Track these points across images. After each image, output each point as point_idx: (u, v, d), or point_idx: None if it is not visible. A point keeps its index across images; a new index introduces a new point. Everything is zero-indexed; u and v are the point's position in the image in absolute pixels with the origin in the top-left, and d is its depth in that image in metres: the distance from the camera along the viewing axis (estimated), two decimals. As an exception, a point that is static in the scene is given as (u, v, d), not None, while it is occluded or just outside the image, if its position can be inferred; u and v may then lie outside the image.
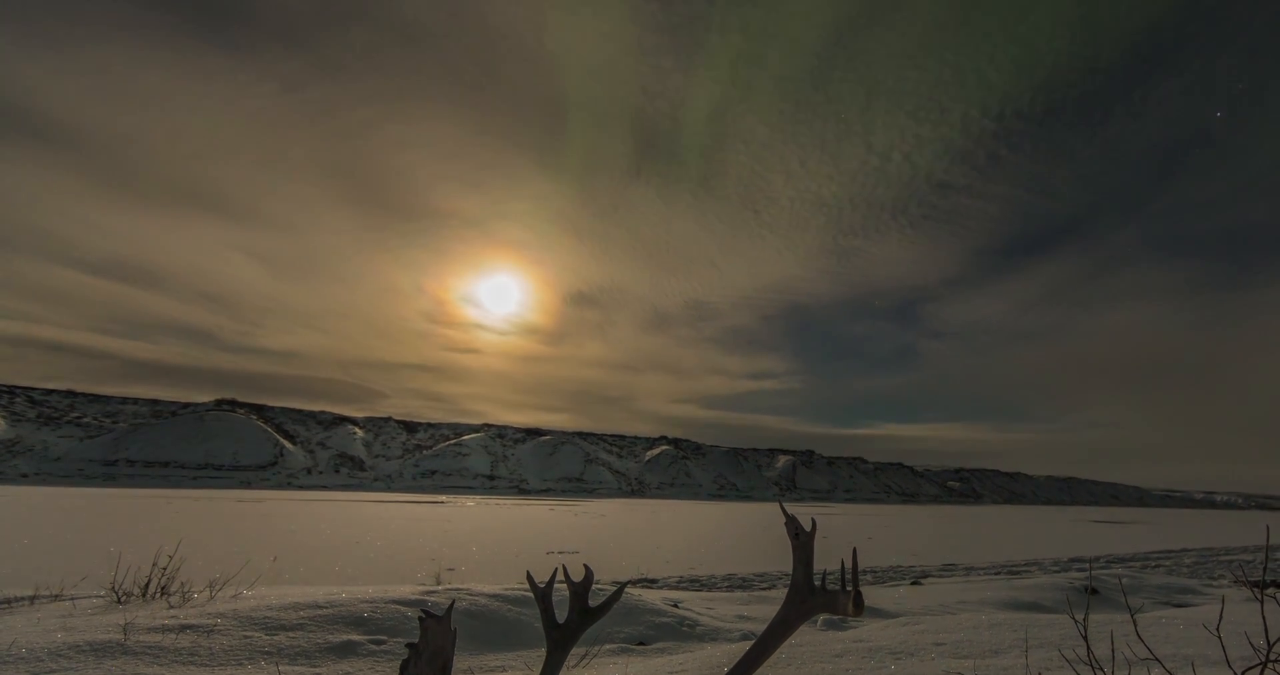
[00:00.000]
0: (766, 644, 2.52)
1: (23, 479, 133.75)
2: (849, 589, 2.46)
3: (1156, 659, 3.83)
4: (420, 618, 2.50)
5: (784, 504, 2.99)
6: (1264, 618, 3.13)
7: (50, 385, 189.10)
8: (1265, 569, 3.25)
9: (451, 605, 2.72)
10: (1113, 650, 4.17)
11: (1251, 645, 3.29)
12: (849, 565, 2.56)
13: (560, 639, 2.75)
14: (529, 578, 2.96)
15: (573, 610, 2.82)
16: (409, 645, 2.47)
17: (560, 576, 2.92)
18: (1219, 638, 3.24)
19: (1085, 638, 3.73)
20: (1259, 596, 3.26)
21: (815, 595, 2.55)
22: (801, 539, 2.66)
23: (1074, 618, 4.17)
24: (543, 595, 2.82)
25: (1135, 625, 3.85)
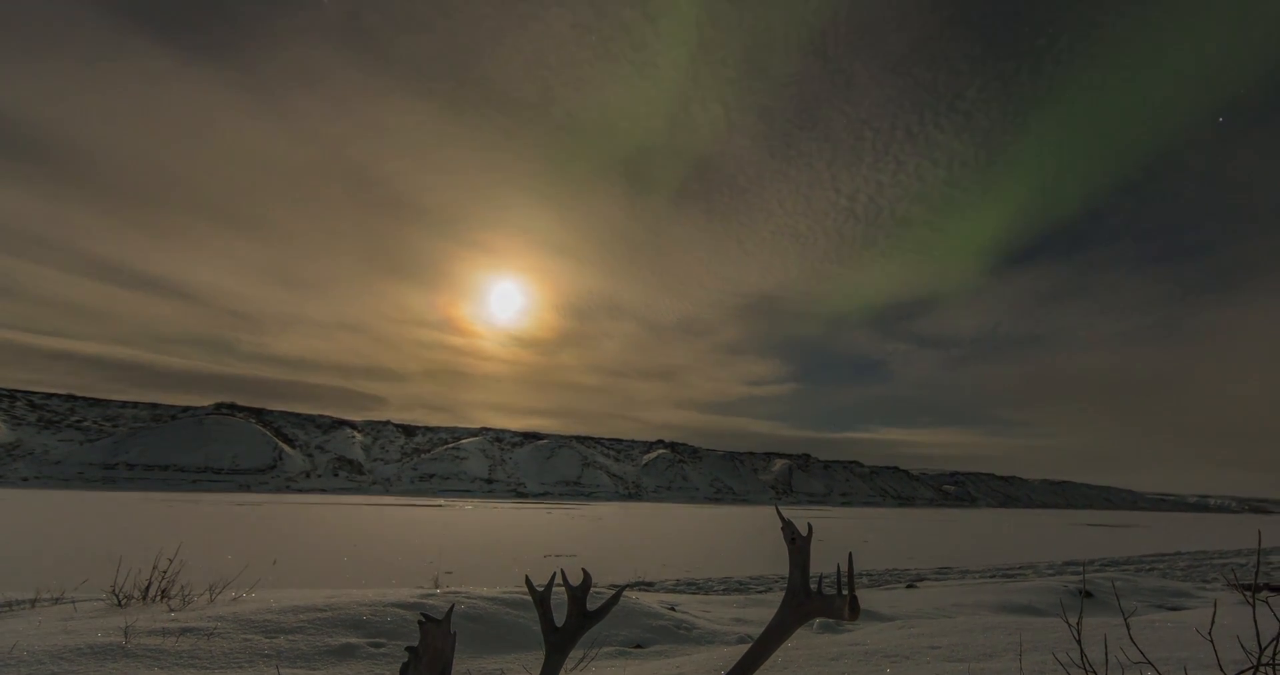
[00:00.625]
0: (763, 647, 2.55)
1: (23, 482, 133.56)
2: (845, 593, 2.50)
3: (1149, 662, 3.87)
4: (420, 621, 2.52)
5: (780, 508, 3.03)
6: (1255, 621, 3.18)
7: (50, 389, 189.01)
8: (1257, 573, 3.30)
9: (451, 609, 2.74)
10: (1106, 654, 4.21)
11: (1243, 648, 3.33)
12: (845, 569, 2.60)
13: (559, 642, 2.78)
14: (528, 582, 3.00)
15: (571, 614, 2.85)
16: (408, 649, 2.49)
17: (558, 580, 2.96)
18: (1211, 641, 3.29)
19: (1079, 641, 3.77)
20: (1250, 600, 3.30)
21: (812, 599, 2.59)
22: (798, 543, 2.69)
23: (1067, 621, 4.21)
24: (541, 599, 2.85)
25: (1128, 629, 3.89)
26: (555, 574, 2.95)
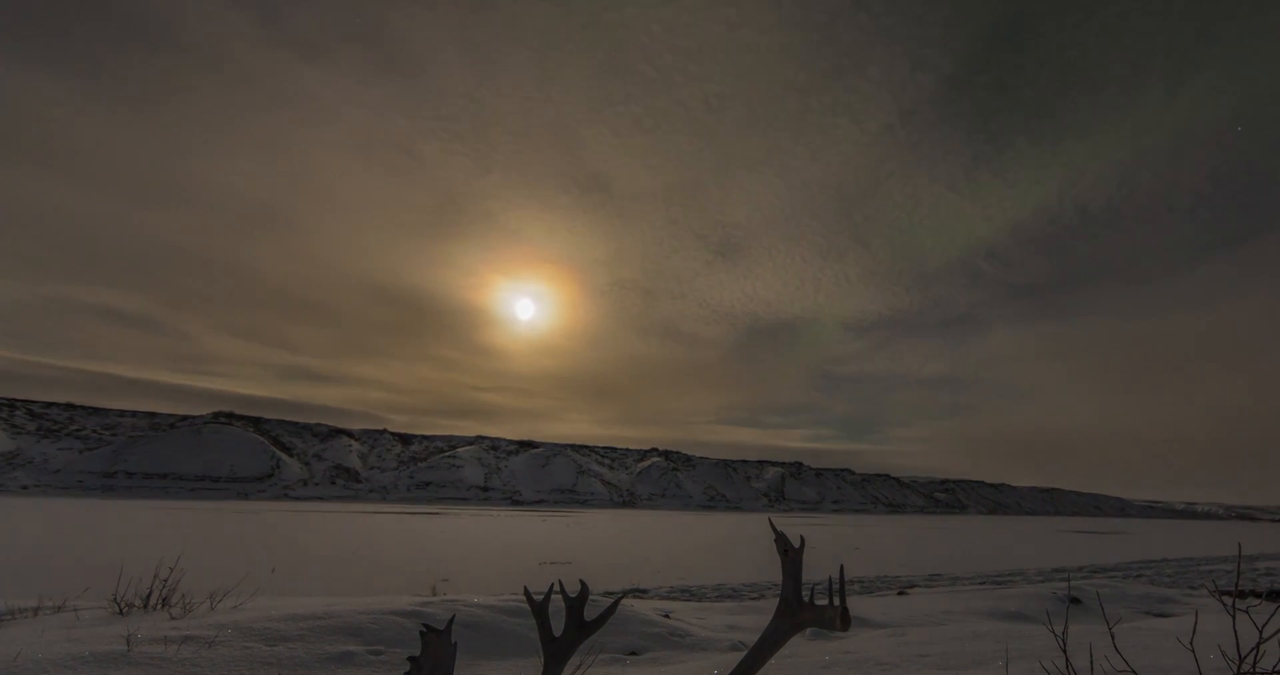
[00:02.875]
0: (757, 656, 2.66)
1: (23, 491, 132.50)
2: (836, 604, 2.61)
3: (1133, 671, 3.99)
4: (421, 632, 2.61)
5: (773, 516, 3.13)
6: (1235, 631, 3.30)
7: (50, 398, 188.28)
8: (1237, 582, 3.43)
9: (452, 620, 2.84)
10: (1091, 662, 4.33)
11: (1224, 656, 3.45)
12: (836, 579, 2.71)
13: (557, 652, 2.86)
14: (526, 593, 3.08)
15: (569, 623, 2.94)
16: (410, 659, 2.57)
17: (556, 590, 3.04)
18: (1192, 651, 3.42)
19: (1064, 650, 3.89)
20: (1231, 611, 3.43)
21: (804, 609, 2.69)
22: (790, 555, 2.80)
23: (1052, 630, 4.33)
24: (540, 609, 2.94)
25: (1113, 638, 4.01)
26: (553, 585, 3.04)
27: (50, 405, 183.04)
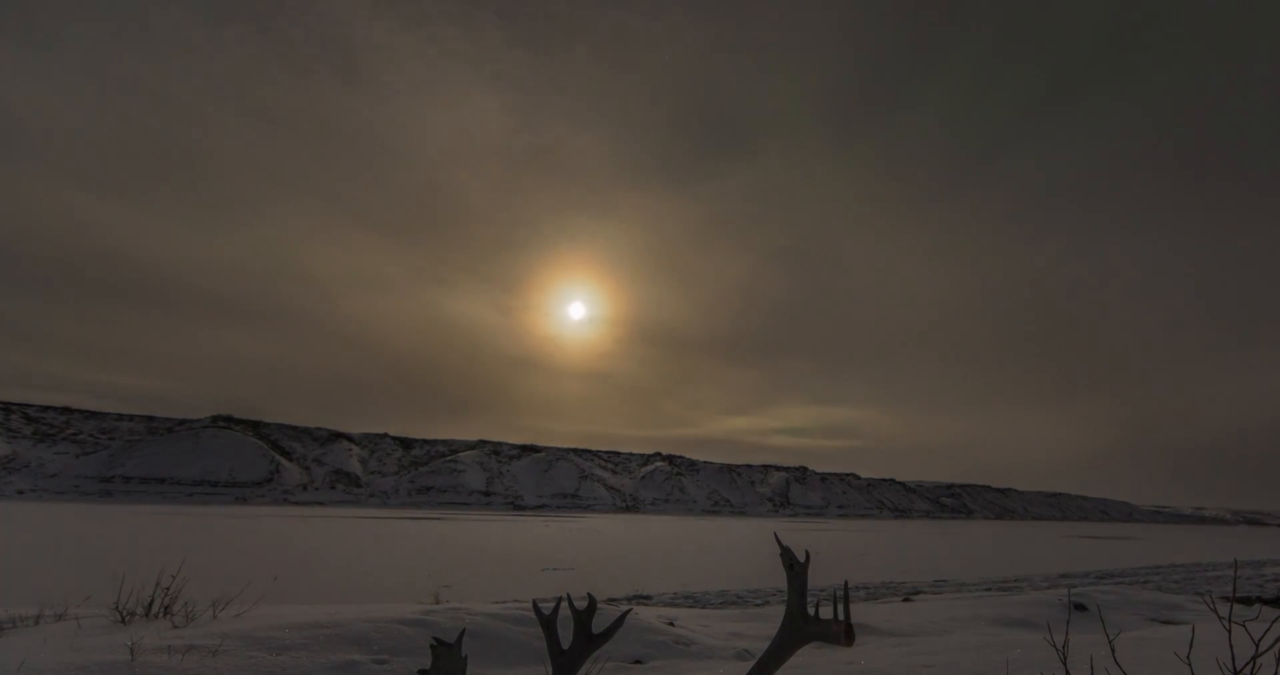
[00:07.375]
0: (762, 670, 2.66)
1: (19, 495, 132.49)
2: (841, 618, 2.62)
3: (1134, 681, 3.99)
4: (432, 646, 2.62)
5: (778, 521, 3.14)
6: (1231, 644, 3.30)
7: (46, 402, 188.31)
8: (1234, 592, 3.42)
9: (463, 633, 2.85)
10: (1092, 672, 4.32)
11: (1221, 667, 3.45)
12: (840, 591, 2.72)
13: (565, 664, 2.88)
14: (535, 606, 3.09)
15: (577, 636, 2.95)
16: (420, 671, 2.59)
17: (563, 602, 3.05)
18: (1189, 664, 3.41)
19: (1064, 662, 3.88)
20: (1227, 625, 3.42)
21: (810, 624, 2.70)
22: (796, 569, 2.81)
23: (1053, 643, 4.32)
24: (548, 622, 2.95)
25: (1113, 651, 4.00)
26: (561, 599, 3.05)
27: (47, 409, 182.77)
